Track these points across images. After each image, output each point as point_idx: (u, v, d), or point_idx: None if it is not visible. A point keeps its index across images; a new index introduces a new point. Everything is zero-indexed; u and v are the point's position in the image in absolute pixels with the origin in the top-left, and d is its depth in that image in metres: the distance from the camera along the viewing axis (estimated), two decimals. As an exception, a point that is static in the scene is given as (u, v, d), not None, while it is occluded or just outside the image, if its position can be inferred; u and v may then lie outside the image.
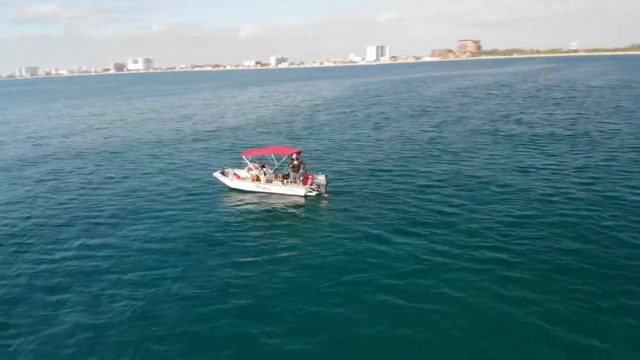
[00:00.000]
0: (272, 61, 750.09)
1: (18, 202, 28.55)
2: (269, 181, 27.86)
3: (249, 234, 21.78)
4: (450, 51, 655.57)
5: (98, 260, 19.46)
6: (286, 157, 28.37)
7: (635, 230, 19.70)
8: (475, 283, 16.03)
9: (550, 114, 53.64)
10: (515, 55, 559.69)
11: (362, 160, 34.64)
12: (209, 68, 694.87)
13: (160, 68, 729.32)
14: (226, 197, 27.67)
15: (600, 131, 41.17)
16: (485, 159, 33.38)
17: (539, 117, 50.95)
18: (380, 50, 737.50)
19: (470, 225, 20.93)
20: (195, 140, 47.45)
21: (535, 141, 38.47)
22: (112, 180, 32.60)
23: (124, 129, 58.31)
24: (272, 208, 25.32)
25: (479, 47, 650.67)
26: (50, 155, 43.16)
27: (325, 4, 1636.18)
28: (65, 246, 21.06)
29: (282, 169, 28.84)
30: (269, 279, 17.09)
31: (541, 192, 25.28)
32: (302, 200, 26.21)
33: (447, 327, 13.78)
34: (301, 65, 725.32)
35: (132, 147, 44.91)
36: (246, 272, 17.67)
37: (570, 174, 28.48)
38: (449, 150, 36.86)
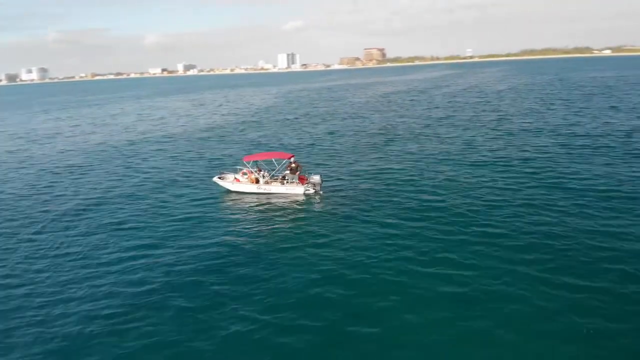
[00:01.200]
0: (180, 68, 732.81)
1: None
2: (267, 183, 30.91)
3: (259, 228, 24.80)
4: (357, 59, 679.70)
5: (107, 266, 20.99)
6: (285, 160, 31.61)
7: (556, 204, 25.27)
8: (450, 258, 20.49)
9: (476, 115, 60.95)
10: (417, 62, 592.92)
11: (341, 163, 38.49)
12: (111, 76, 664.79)
13: (57, 78, 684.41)
14: (228, 199, 30.25)
15: (524, 130, 48.22)
16: (439, 158, 38.60)
17: (469, 120, 57.84)
18: (291, 58, 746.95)
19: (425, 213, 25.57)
20: (174, 147, 48.85)
21: (475, 139, 44.55)
22: (109, 190, 33.84)
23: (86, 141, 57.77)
24: (275, 206, 28.31)
25: (383, 55, 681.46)
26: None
27: (233, 11, 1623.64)
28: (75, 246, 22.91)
29: (276, 172, 31.95)
30: (280, 267, 19.87)
31: (494, 181, 30.63)
32: (301, 198, 29.56)
33: (425, 299, 16.69)
34: (211, 72, 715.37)
35: (119, 155, 45.57)
36: (261, 263, 20.33)
37: (515, 165, 34.27)
38: (404, 150, 41.82)
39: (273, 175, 31.48)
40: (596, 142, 39.76)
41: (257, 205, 28.68)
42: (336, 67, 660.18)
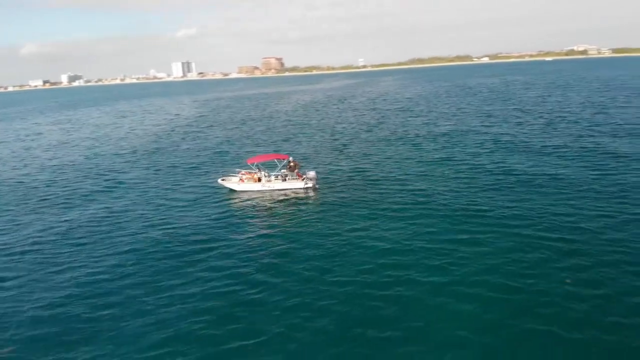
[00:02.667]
0: (64, 79, 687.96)
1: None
2: (269, 181, 35.39)
3: (266, 219, 29.30)
4: (256, 68, 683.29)
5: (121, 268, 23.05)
6: (285, 160, 36.25)
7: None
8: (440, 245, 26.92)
9: (407, 119, 69.15)
10: (315, 72, 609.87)
11: (317, 163, 43.64)
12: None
13: None
14: (236, 198, 34.11)
15: (453, 130, 56.74)
16: (387, 156, 45.31)
17: (401, 124, 65.73)
18: (187, 67, 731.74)
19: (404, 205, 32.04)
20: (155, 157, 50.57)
21: (418, 140, 51.97)
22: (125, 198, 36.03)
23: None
24: (280, 200, 32.84)
25: (282, 64, 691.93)
26: None
27: (121, 19, 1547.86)
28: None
29: (271, 171, 36.40)
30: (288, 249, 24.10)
31: (444, 173, 37.73)
32: (302, 192, 34.46)
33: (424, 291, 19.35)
34: (99, 83, 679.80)
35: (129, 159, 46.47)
36: (269, 248, 24.36)
37: (460, 160, 41.80)
38: (363, 151, 48.07)
39: (273, 174, 35.97)
40: (515, 139, 48.77)
41: (263, 201, 32.82)
42: (234, 75, 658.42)
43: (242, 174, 35.97)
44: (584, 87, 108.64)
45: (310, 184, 34.88)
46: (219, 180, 36.05)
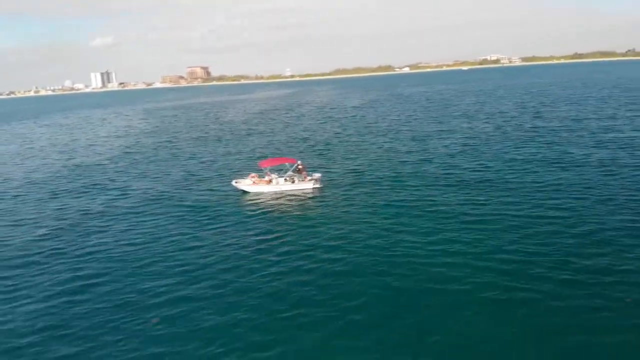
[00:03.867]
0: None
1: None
2: (279, 183, 38.65)
3: (278, 217, 32.25)
4: (181, 77, 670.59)
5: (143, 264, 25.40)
6: (294, 163, 39.59)
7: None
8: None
9: (366, 127, 74.36)
10: (243, 81, 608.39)
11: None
12: None
13: None
14: (249, 199, 37.00)
15: (412, 136, 62.47)
16: (380, 154, 49.94)
17: (364, 129, 70.78)
18: (107, 77, 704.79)
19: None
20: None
21: (389, 144, 57.03)
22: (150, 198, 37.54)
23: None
24: (291, 200, 35.90)
25: (208, 74, 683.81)
26: None
27: (26, 27, 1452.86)
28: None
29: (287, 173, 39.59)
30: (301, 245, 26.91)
31: (437, 172, 42.83)
32: (309, 192, 38.05)
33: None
34: (12, 95, 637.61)
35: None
36: (292, 243, 27.35)
37: (434, 157, 47.13)
38: (346, 154, 52.29)
39: (283, 177, 39.23)
40: (474, 141, 55.12)
41: (276, 201, 35.82)
42: (158, 85, 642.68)
43: (252, 177, 38.96)
44: (511, 93, 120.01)
45: (317, 185, 38.55)
46: (233, 182, 38.83)
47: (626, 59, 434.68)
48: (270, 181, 38.62)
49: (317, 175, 39.03)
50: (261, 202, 35.77)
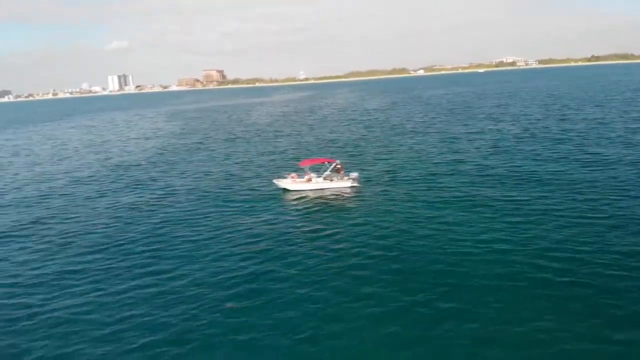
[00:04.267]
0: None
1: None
2: (311, 180, 39.98)
3: (323, 214, 33.53)
4: (197, 81, 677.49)
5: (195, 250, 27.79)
6: (333, 163, 40.90)
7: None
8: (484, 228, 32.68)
9: (392, 128, 75.45)
10: (258, 84, 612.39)
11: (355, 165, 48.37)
12: None
13: None
14: (289, 196, 38.49)
15: (446, 135, 63.37)
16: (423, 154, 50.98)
17: (390, 132, 71.89)
18: (124, 80, 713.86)
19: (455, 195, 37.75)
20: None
21: (420, 145, 58.00)
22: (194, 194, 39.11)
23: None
24: (331, 197, 37.26)
25: (223, 77, 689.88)
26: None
27: (44, 32, 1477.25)
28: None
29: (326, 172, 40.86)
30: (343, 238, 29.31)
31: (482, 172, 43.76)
32: (348, 190, 39.27)
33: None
34: (30, 98, 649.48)
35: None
36: (333, 235, 29.04)
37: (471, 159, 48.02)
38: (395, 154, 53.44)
39: (322, 176, 40.55)
40: (503, 143, 55.77)
41: (315, 198, 37.21)
42: (175, 88, 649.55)
43: (292, 176, 40.32)
44: (533, 96, 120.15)
45: (356, 184, 39.79)
46: (274, 180, 40.26)
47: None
48: (310, 180, 39.94)
49: (354, 174, 40.23)
50: (303, 200, 37.09)
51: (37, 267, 26.61)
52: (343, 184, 39.66)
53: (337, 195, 37.89)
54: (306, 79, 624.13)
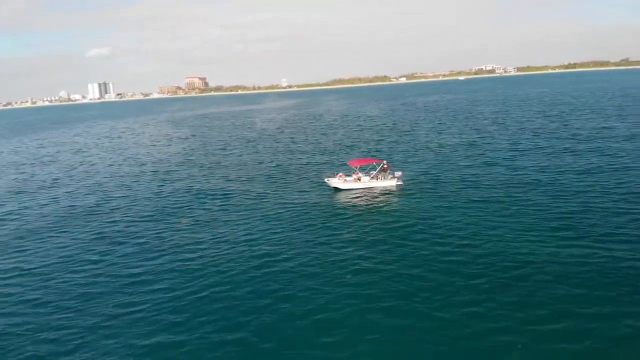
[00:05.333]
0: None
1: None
2: (367, 180, 43.35)
3: (361, 210, 36.91)
4: (179, 88, 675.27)
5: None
6: (380, 163, 44.28)
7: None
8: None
9: (406, 134, 79.20)
10: (240, 92, 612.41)
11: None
12: None
13: None
14: (341, 194, 41.69)
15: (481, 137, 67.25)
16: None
17: (401, 138, 75.60)
18: (104, 88, 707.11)
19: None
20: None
21: (437, 150, 61.68)
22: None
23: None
24: (379, 195, 40.48)
25: (206, 84, 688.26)
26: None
27: (24, 38, 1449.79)
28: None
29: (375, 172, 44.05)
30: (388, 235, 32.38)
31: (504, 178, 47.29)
32: (394, 188, 42.66)
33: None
34: (9, 107, 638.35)
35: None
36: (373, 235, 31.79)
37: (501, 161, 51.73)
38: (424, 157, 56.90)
39: (370, 175, 43.90)
40: (518, 146, 59.81)
41: (364, 196, 40.50)
42: (156, 96, 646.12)
43: (340, 175, 43.64)
44: (525, 103, 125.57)
45: (400, 182, 43.24)
46: (325, 179, 43.55)
47: (620, 68, 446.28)
48: (359, 179, 43.30)
49: (398, 173, 43.62)
50: (353, 198, 40.27)
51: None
52: (389, 182, 43.03)
53: (384, 193, 41.10)
54: (289, 87, 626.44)
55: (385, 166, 43.83)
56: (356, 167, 44.10)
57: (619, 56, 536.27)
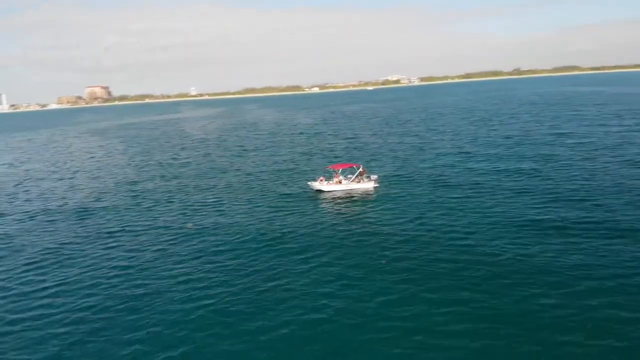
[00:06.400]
0: None
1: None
2: (343, 183, 46.97)
3: (346, 209, 40.64)
4: (80, 98, 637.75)
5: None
6: (357, 167, 48.00)
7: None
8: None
9: (353, 142, 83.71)
10: (148, 100, 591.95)
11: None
12: None
13: None
14: (323, 195, 44.77)
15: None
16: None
17: (363, 143, 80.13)
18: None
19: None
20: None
21: (403, 151, 66.71)
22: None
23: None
24: (357, 196, 44.13)
25: (109, 93, 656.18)
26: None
27: None
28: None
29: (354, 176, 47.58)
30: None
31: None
32: (372, 190, 46.63)
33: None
34: None
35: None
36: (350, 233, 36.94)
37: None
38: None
39: (349, 177, 47.53)
40: (460, 149, 66.51)
41: (345, 197, 44.05)
42: (54, 106, 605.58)
43: (321, 179, 46.98)
44: (446, 110, 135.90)
45: (377, 185, 47.33)
46: (309, 183, 46.68)
47: (513, 77, 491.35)
48: (340, 182, 46.86)
49: (374, 176, 47.76)
50: (336, 199, 43.76)
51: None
52: (368, 185, 46.96)
53: (362, 194, 44.68)
54: (200, 95, 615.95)
55: (361, 170, 47.75)
56: (337, 170, 47.66)
57: (511, 66, 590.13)
